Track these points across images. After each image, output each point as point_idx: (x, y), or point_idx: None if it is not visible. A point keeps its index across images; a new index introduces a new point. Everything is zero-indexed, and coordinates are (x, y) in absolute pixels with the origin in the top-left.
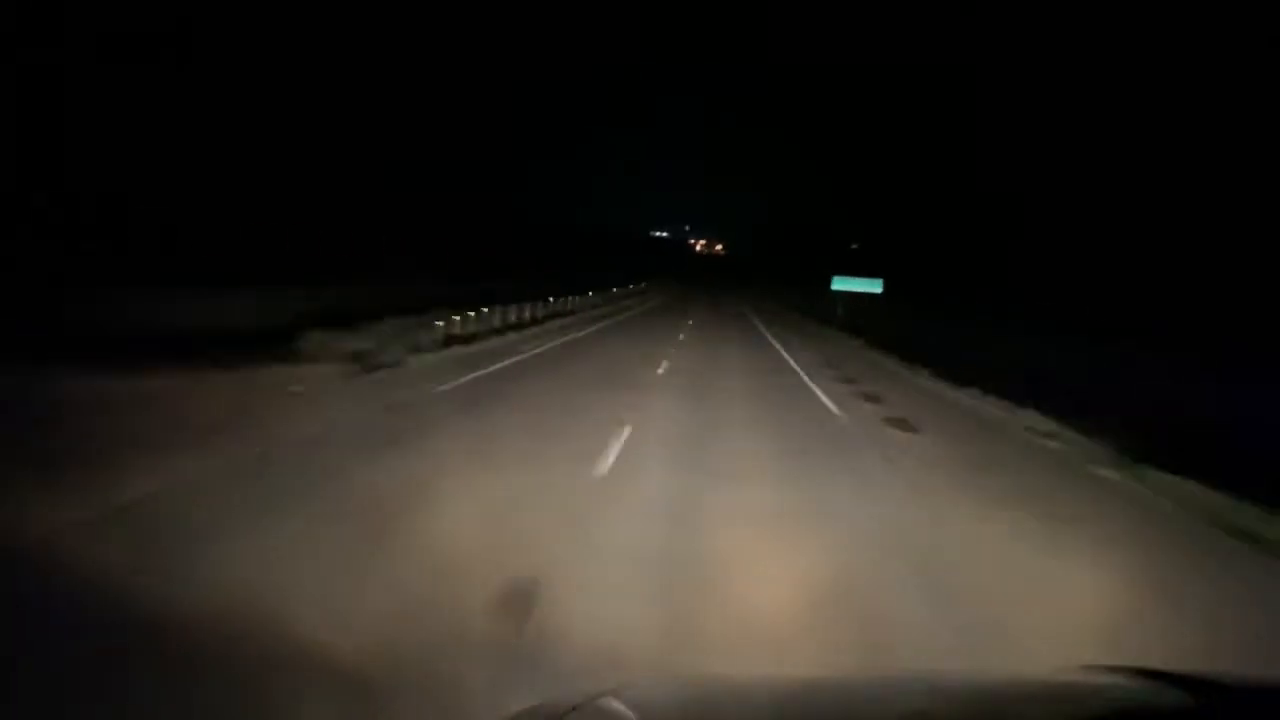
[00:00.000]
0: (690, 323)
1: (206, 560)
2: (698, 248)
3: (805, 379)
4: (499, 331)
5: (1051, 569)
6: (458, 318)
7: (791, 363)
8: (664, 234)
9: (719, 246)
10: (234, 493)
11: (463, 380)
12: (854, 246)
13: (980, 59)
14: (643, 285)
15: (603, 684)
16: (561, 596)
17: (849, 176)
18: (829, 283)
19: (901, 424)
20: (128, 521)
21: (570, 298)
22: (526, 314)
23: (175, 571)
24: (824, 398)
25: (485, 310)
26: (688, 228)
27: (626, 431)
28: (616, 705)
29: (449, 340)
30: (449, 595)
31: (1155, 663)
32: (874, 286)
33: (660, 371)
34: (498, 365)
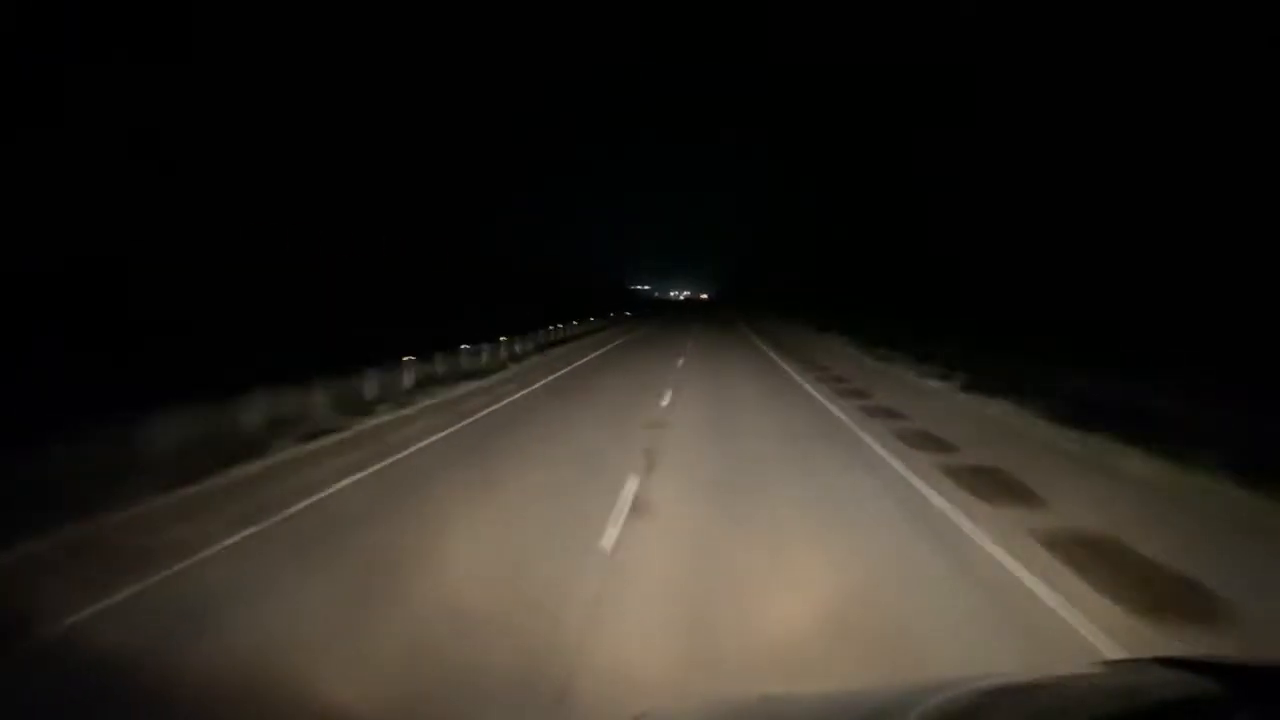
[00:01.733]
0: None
1: None
2: (681, 299)
3: None
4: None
5: None
6: None
7: None
8: (645, 287)
9: (704, 295)
10: None
11: None
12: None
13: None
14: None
15: (629, 711)
16: None
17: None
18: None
19: None
20: None
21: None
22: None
23: None
24: None
25: None
26: (678, 287)
27: None
28: None
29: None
30: None
31: None
32: None
33: None
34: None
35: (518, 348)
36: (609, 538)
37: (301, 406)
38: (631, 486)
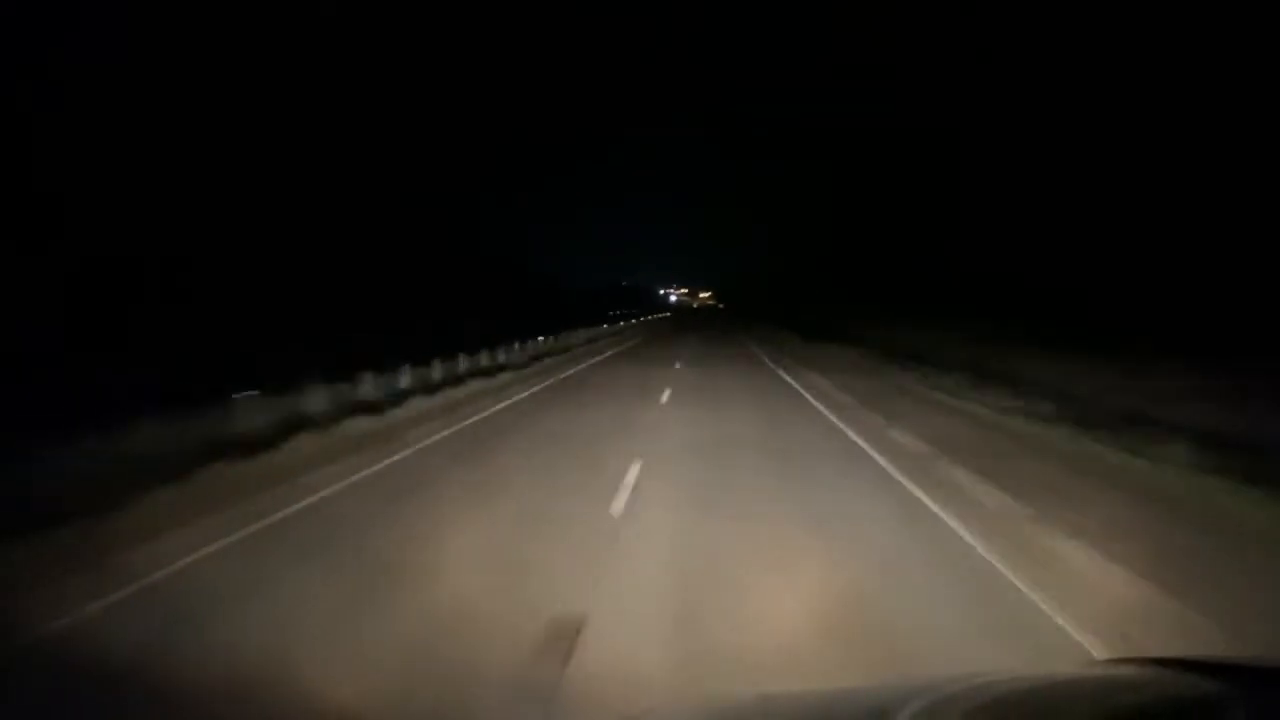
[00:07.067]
0: None
1: None
2: (673, 298)
3: None
4: None
5: None
6: None
7: None
8: (632, 283)
9: (705, 294)
10: None
11: None
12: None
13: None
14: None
15: (627, 712)
16: None
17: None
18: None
19: None
20: None
21: None
22: None
23: None
24: None
25: None
26: (670, 284)
27: None
28: None
29: None
30: None
31: None
32: None
33: None
34: None
35: None
36: None
37: None
38: None
